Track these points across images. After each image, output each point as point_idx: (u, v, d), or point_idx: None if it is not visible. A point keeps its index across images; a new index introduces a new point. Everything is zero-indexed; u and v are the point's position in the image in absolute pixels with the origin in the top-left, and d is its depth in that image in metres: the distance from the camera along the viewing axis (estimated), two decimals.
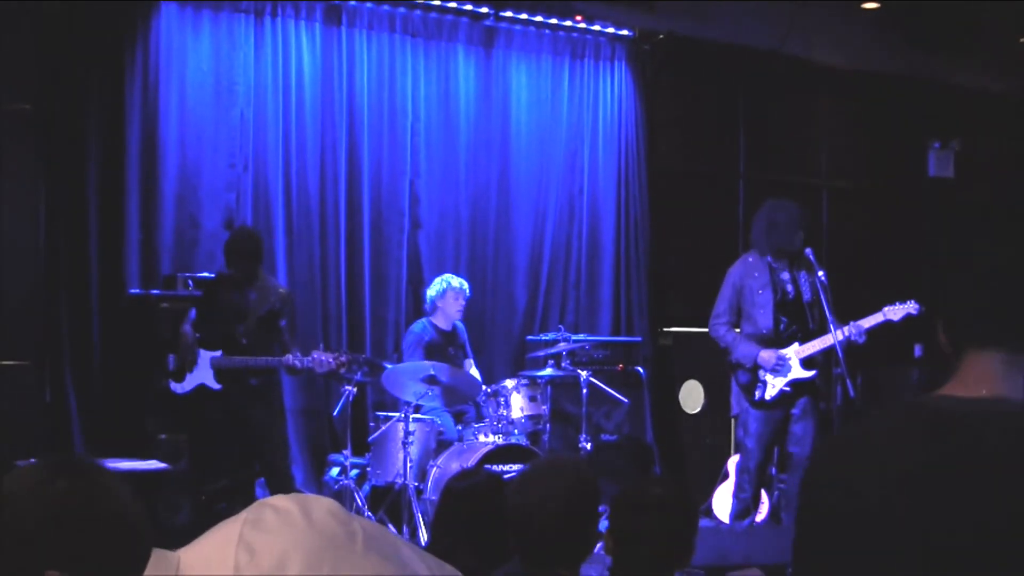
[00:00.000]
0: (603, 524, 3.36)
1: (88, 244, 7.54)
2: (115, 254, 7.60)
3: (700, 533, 3.29)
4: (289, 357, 6.65)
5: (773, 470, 7.54)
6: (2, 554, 1.60)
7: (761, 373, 6.88)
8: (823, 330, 6.83)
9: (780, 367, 6.82)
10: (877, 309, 6.85)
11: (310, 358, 6.64)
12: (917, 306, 6.78)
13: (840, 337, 6.66)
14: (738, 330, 7.01)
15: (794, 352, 6.85)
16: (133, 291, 7.50)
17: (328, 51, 8.36)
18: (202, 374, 6.69)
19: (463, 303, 7.90)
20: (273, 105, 8.12)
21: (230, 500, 6.44)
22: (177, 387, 6.70)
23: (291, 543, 1.72)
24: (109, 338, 7.49)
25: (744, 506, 7.02)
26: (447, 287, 7.84)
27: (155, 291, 7.39)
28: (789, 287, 6.95)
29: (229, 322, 6.77)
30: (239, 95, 8.02)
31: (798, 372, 6.85)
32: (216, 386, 6.65)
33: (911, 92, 10.41)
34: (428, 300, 7.96)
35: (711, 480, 8.15)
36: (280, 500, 1.81)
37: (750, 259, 7.07)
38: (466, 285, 7.92)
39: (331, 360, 6.67)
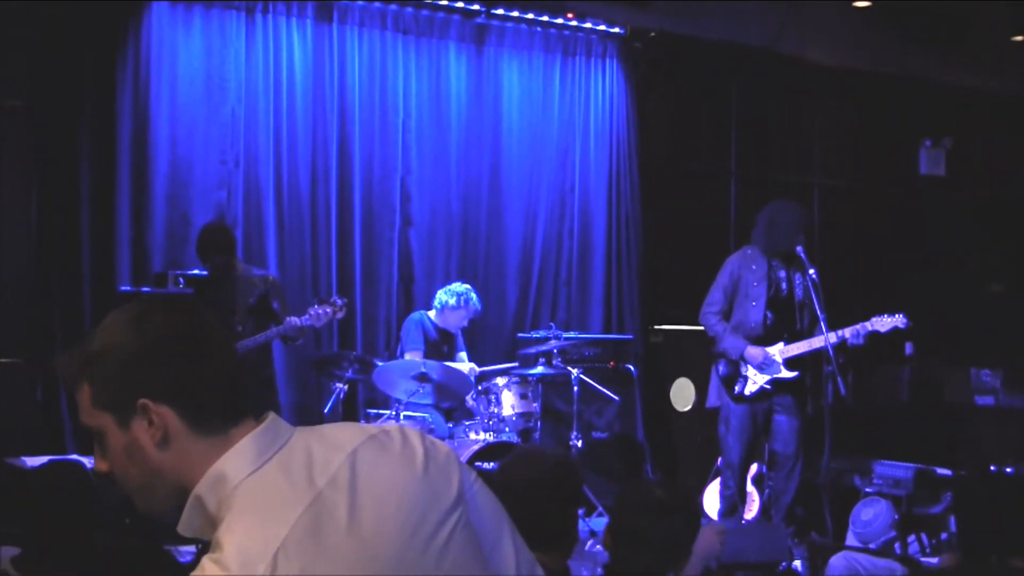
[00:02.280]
0: (602, 522, 3.36)
1: (80, 241, 7.54)
2: (107, 251, 7.61)
3: None
4: (289, 319, 6.74)
5: (764, 468, 7.55)
6: (99, 381, 1.66)
7: (743, 368, 6.92)
8: (811, 332, 6.87)
9: (766, 365, 6.86)
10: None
11: (307, 316, 6.72)
12: (905, 320, 6.80)
13: (833, 339, 6.68)
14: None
15: (779, 351, 6.88)
16: (124, 288, 7.48)
17: (319, 48, 8.35)
18: None
19: (467, 323, 7.90)
20: (264, 102, 8.11)
21: None
22: None
23: (398, 484, 1.67)
24: None
25: (731, 503, 7.05)
26: (466, 304, 7.78)
27: (146, 288, 7.36)
28: (783, 285, 6.99)
29: (222, 317, 6.77)
30: (230, 92, 8.01)
31: (781, 372, 6.89)
32: None
33: (903, 90, 10.43)
34: (440, 301, 7.84)
35: (702, 478, 8.15)
36: (415, 437, 1.76)
37: (748, 251, 7.11)
38: (479, 307, 7.91)
39: (327, 309, 6.76)
